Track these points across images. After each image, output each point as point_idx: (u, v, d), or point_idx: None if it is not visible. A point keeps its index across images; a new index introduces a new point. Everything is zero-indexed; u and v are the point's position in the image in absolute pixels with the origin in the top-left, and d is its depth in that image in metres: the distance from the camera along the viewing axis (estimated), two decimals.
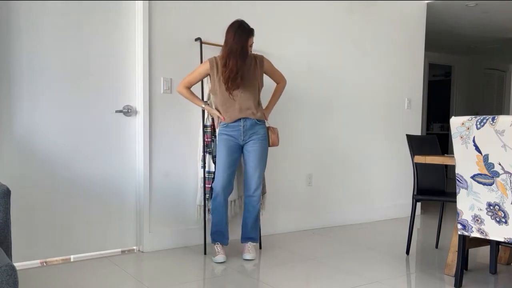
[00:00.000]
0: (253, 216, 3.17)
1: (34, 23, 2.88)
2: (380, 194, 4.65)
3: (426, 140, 3.55)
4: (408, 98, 4.85)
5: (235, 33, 2.91)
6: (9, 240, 1.91)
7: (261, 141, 3.10)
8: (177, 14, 3.36)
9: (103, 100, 3.15)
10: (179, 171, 3.42)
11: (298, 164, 4.04)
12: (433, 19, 5.55)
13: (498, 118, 2.25)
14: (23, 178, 2.88)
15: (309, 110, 4.08)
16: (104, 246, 3.20)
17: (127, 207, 3.28)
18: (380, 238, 3.85)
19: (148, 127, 3.26)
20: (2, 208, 1.85)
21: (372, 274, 2.86)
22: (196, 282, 2.68)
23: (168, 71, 3.35)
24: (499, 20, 5.80)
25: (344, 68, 4.32)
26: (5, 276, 1.41)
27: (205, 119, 3.37)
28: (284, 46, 3.92)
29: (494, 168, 2.29)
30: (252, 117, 3.05)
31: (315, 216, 4.16)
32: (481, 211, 2.39)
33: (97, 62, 3.11)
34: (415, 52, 4.90)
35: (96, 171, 3.14)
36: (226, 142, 3.08)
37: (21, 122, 2.87)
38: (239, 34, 2.91)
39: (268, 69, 3.17)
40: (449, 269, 2.85)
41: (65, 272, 2.82)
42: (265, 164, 3.16)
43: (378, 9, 4.54)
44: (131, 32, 3.24)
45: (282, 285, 2.64)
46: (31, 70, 2.88)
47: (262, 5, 3.78)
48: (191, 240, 3.48)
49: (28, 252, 2.92)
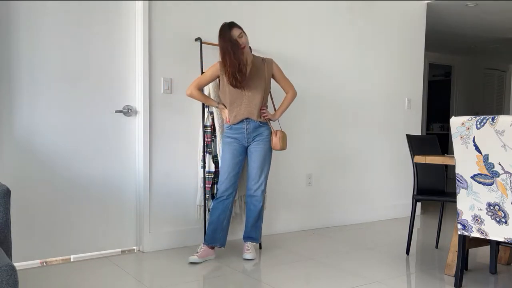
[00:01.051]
0: (254, 215, 3.17)
1: (34, 23, 2.88)
2: (380, 194, 4.66)
3: (426, 140, 3.55)
4: (408, 98, 4.85)
5: (220, 36, 3.00)
6: (9, 240, 1.91)
7: (265, 143, 3.12)
8: (177, 14, 3.36)
9: (103, 100, 3.15)
10: (179, 171, 3.42)
11: (298, 164, 4.04)
12: (433, 19, 5.55)
13: (498, 118, 2.25)
14: (23, 178, 2.88)
15: (309, 110, 4.08)
16: (104, 246, 3.20)
17: (127, 207, 3.28)
18: (380, 238, 3.85)
19: (148, 127, 3.26)
20: (2, 208, 1.85)
21: (372, 274, 2.86)
22: (196, 282, 2.68)
23: (168, 71, 3.35)
24: (499, 20, 5.80)
25: (344, 68, 4.32)
26: (5, 276, 1.41)
27: (205, 119, 3.37)
28: (284, 46, 3.92)
29: (494, 168, 2.29)
30: (253, 118, 3.06)
31: (315, 216, 4.16)
32: (481, 211, 2.39)
33: (97, 62, 3.11)
34: (415, 52, 4.90)
35: (96, 171, 3.14)
36: (230, 145, 3.10)
37: (21, 122, 2.87)
38: (223, 34, 2.99)
39: (277, 74, 3.19)
40: (449, 269, 2.85)
41: (65, 272, 2.82)
42: (268, 165, 3.17)
43: (378, 9, 4.54)
44: (131, 32, 3.25)
45: (282, 285, 2.64)
46: (31, 70, 2.88)
47: (262, 5, 3.78)
48: (191, 240, 3.48)
49: (28, 252, 2.92)
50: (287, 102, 3.24)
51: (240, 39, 2.98)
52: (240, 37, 2.99)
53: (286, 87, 3.25)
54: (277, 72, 3.20)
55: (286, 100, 3.24)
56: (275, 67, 3.19)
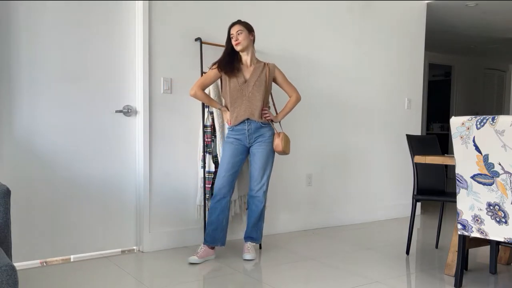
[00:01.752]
0: (255, 216, 3.18)
1: (34, 23, 2.88)
2: (380, 194, 4.66)
3: (426, 140, 3.55)
4: (408, 98, 4.85)
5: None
6: (9, 240, 1.91)
7: (267, 144, 3.13)
8: (177, 14, 3.36)
9: (103, 100, 3.15)
10: (179, 171, 3.42)
11: (298, 164, 4.05)
12: (433, 19, 5.55)
13: (498, 118, 2.25)
14: (23, 178, 2.88)
15: (308, 110, 4.08)
16: (104, 246, 3.20)
17: (127, 207, 3.28)
18: (380, 238, 3.85)
19: (148, 127, 3.26)
20: (2, 208, 1.85)
21: (372, 274, 2.86)
22: (196, 282, 2.68)
23: (168, 71, 3.35)
24: (499, 20, 5.80)
25: (344, 68, 4.32)
26: (5, 276, 1.41)
27: (205, 119, 3.37)
28: (284, 46, 3.92)
29: (494, 168, 2.29)
30: (254, 118, 3.07)
31: (315, 216, 4.16)
32: (481, 211, 2.39)
33: (97, 62, 3.11)
34: (415, 52, 4.91)
35: (96, 171, 3.14)
36: (231, 145, 3.11)
37: (21, 122, 2.87)
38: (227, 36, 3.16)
39: (279, 78, 3.23)
40: (449, 269, 2.85)
41: (65, 272, 2.82)
42: (271, 166, 3.18)
43: (378, 9, 4.54)
44: (131, 32, 3.25)
45: (282, 285, 2.64)
46: (31, 70, 2.88)
47: (262, 5, 3.78)
48: (191, 240, 3.48)
49: (28, 252, 2.92)
50: (290, 105, 3.25)
51: (237, 36, 3.07)
52: (238, 33, 3.05)
53: (289, 91, 3.27)
54: (279, 76, 3.23)
55: (289, 103, 3.26)
56: (277, 71, 3.23)
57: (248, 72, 3.11)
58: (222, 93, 3.19)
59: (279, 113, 3.25)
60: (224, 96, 3.17)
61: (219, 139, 3.33)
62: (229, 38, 3.11)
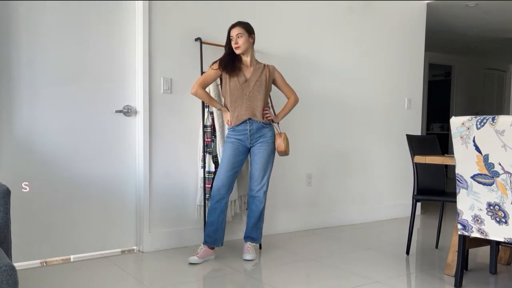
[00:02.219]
0: (255, 216, 3.18)
1: (34, 23, 2.88)
2: (380, 194, 4.65)
3: (426, 140, 3.55)
4: (408, 98, 4.85)
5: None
6: (9, 240, 1.91)
7: (269, 144, 3.14)
8: (177, 14, 3.36)
9: (103, 100, 3.15)
10: (179, 171, 3.42)
11: (298, 164, 4.04)
12: (433, 19, 5.55)
13: (498, 118, 2.25)
14: (23, 178, 2.88)
15: (308, 110, 4.08)
16: (104, 246, 3.20)
17: (127, 207, 3.28)
18: (380, 238, 3.85)
19: (148, 127, 3.26)
20: (2, 208, 1.85)
21: (372, 274, 2.86)
22: (196, 282, 2.68)
23: (168, 71, 3.35)
24: (499, 20, 5.80)
25: (344, 68, 4.32)
26: (5, 276, 1.41)
27: (205, 119, 3.37)
28: (283, 47, 3.92)
29: (494, 168, 2.29)
30: (256, 118, 3.07)
31: (315, 216, 4.16)
32: (481, 211, 2.39)
33: (97, 62, 3.11)
34: (415, 52, 4.90)
35: (96, 171, 3.13)
36: (232, 145, 3.11)
37: (21, 122, 2.87)
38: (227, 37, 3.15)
39: (278, 80, 3.25)
40: (449, 269, 2.85)
41: (65, 272, 2.82)
42: (271, 166, 3.18)
43: (378, 9, 4.54)
44: (131, 32, 3.24)
45: (282, 285, 2.64)
46: (31, 70, 2.88)
47: (262, 5, 3.78)
48: (191, 240, 3.47)
49: (28, 252, 2.92)
50: (289, 107, 3.28)
51: (237, 39, 3.06)
52: (238, 37, 3.05)
53: (288, 93, 3.29)
54: (278, 78, 3.25)
55: (288, 105, 3.28)
56: (277, 73, 3.25)
57: (248, 72, 3.12)
58: (222, 92, 3.19)
59: (278, 114, 3.27)
60: (224, 95, 3.17)
61: (219, 139, 3.33)
62: (229, 40, 3.11)
